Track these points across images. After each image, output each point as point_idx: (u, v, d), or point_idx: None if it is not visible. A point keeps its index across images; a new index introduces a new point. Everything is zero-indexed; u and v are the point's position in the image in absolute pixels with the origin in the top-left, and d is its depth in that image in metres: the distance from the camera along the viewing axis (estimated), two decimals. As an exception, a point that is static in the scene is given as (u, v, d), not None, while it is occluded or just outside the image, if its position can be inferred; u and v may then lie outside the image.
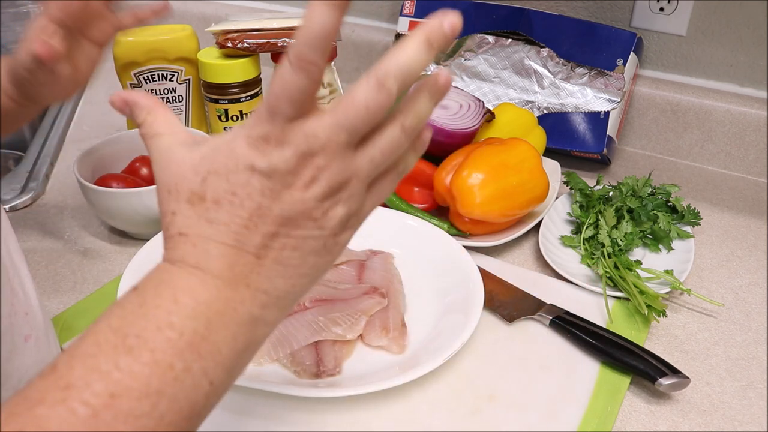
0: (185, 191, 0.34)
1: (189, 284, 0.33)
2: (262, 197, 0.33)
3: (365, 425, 0.53)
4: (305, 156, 0.33)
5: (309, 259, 0.35)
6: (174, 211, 0.34)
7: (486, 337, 0.62)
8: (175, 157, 0.35)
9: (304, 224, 0.34)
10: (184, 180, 0.34)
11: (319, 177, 0.33)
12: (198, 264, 0.33)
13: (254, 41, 0.78)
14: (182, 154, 0.35)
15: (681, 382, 0.55)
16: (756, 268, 0.73)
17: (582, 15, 0.97)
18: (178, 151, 0.35)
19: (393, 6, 1.14)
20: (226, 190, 0.33)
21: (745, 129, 0.89)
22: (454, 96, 0.79)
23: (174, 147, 0.36)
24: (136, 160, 0.80)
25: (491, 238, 0.73)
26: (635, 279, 0.65)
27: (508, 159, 0.71)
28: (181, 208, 0.34)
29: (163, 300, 0.32)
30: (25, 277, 0.52)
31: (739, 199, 0.86)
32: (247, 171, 0.33)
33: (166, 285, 0.33)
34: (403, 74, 0.33)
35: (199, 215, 0.34)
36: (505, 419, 0.54)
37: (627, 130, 0.98)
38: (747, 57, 0.89)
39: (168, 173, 0.35)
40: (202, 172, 0.34)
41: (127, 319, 0.32)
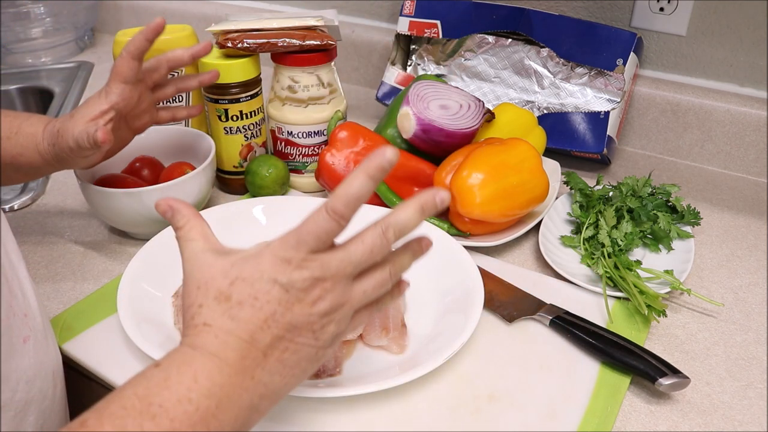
0: (213, 290, 0.41)
1: (207, 368, 0.39)
2: (278, 305, 0.41)
3: (365, 425, 0.53)
4: (318, 280, 0.41)
5: (302, 364, 0.43)
6: (201, 304, 0.41)
7: (486, 337, 0.62)
8: (206, 261, 0.43)
9: (305, 334, 0.42)
10: (214, 280, 0.42)
11: (325, 297, 0.41)
12: (217, 352, 0.40)
13: (254, 41, 0.78)
14: (213, 258, 0.43)
15: (681, 382, 0.55)
16: (756, 268, 0.73)
17: (582, 15, 0.97)
18: (210, 256, 0.43)
19: (393, 6, 1.14)
20: (250, 294, 0.41)
21: (745, 129, 0.89)
22: (454, 96, 0.79)
23: (206, 252, 0.44)
24: (136, 160, 0.81)
25: (491, 238, 0.73)
26: (635, 279, 0.65)
27: (508, 159, 0.71)
28: (208, 303, 0.41)
29: (184, 378, 0.38)
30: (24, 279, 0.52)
31: (739, 199, 0.86)
32: (269, 282, 0.41)
33: (188, 366, 0.39)
34: (401, 229, 0.42)
35: (223, 311, 0.41)
36: (505, 419, 0.54)
37: (627, 130, 0.98)
38: (747, 57, 0.89)
39: (199, 273, 0.43)
40: (231, 277, 0.41)
41: (152, 390, 0.38)
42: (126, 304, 0.61)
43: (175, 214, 0.46)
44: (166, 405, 0.37)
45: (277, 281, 0.41)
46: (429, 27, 0.98)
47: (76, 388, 0.62)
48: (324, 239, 0.41)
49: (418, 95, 0.78)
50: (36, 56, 1.32)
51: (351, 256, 0.42)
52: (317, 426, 0.53)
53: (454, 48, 1.01)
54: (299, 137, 0.83)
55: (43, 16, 1.30)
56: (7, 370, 0.47)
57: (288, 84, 0.81)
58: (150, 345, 0.56)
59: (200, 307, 0.41)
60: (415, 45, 1.05)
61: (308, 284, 0.41)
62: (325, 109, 0.82)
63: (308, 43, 0.79)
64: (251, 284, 0.41)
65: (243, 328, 0.40)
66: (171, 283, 0.66)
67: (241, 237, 0.72)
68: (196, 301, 0.42)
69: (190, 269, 0.44)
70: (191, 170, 0.75)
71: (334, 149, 0.77)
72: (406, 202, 0.42)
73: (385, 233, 0.42)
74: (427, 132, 0.77)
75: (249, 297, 0.41)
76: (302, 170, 0.85)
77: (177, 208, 0.46)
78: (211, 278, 0.42)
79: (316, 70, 0.81)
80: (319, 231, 0.41)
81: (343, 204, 0.40)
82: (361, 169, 0.40)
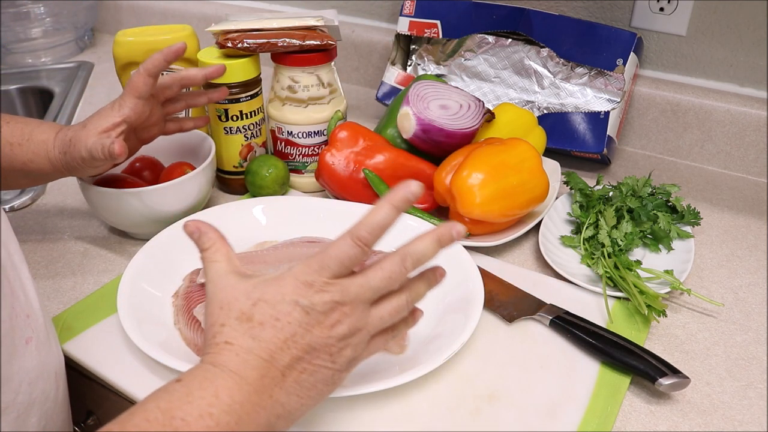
0: (236, 310, 0.43)
1: (228, 385, 0.40)
2: (299, 327, 0.42)
3: (365, 425, 0.53)
4: (338, 303, 0.43)
5: (318, 386, 0.44)
6: (224, 323, 0.43)
7: (486, 337, 0.62)
8: (230, 282, 0.45)
9: (323, 356, 0.43)
10: (237, 301, 0.43)
11: (344, 321, 0.43)
12: (238, 370, 0.41)
13: (254, 41, 0.78)
14: (236, 280, 0.45)
15: (681, 382, 0.55)
16: (756, 268, 0.73)
17: (582, 15, 0.97)
18: (233, 278, 0.45)
19: (393, 6, 1.14)
20: (272, 316, 0.42)
21: (745, 129, 0.89)
22: (454, 96, 0.79)
23: (230, 274, 0.45)
24: (136, 160, 0.80)
25: (491, 238, 0.73)
26: (635, 279, 0.65)
27: (508, 159, 0.71)
28: (230, 322, 0.43)
29: (206, 393, 0.40)
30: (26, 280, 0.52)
31: (739, 199, 0.86)
32: (291, 304, 0.43)
33: (210, 382, 0.40)
34: (418, 258, 0.45)
35: (245, 331, 0.42)
36: (505, 419, 0.54)
37: (627, 130, 0.98)
38: (747, 57, 0.89)
39: (222, 294, 0.44)
40: (254, 298, 0.43)
41: (174, 404, 0.39)
42: (126, 304, 0.61)
43: (202, 236, 0.48)
44: (188, 419, 0.38)
45: (298, 303, 0.43)
46: (429, 27, 0.98)
47: (76, 388, 0.62)
48: (347, 265, 0.43)
49: (418, 95, 0.78)
50: (36, 56, 1.32)
51: (370, 281, 0.44)
52: (317, 426, 0.53)
53: (454, 48, 1.01)
54: (299, 137, 0.83)
55: (43, 16, 1.30)
56: (9, 371, 0.47)
57: (288, 84, 0.81)
58: (150, 345, 0.56)
59: (222, 326, 0.43)
60: (415, 45, 1.05)
61: (328, 308, 0.43)
62: (325, 109, 0.82)
63: (308, 43, 0.79)
64: (273, 306, 0.43)
65: (263, 347, 0.42)
66: (171, 283, 0.66)
67: (241, 237, 0.73)
68: (219, 321, 0.43)
69: (213, 290, 0.45)
70: (191, 170, 0.75)
71: (334, 149, 0.77)
72: (425, 233, 0.46)
73: (403, 262, 0.45)
74: (427, 132, 0.77)
75: (270, 318, 0.42)
76: (302, 170, 0.85)
77: (204, 230, 0.48)
78: (234, 299, 0.44)
79: (316, 70, 0.81)
80: (342, 257, 0.43)
81: (368, 232, 0.43)
82: (386, 200, 0.44)
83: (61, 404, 0.56)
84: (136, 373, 0.58)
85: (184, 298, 0.64)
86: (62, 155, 0.65)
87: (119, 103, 0.65)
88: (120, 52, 0.86)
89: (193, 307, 0.62)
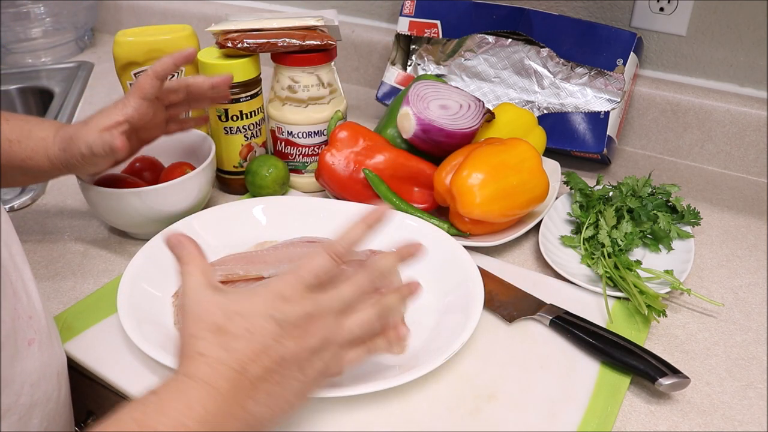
0: (210, 322, 0.44)
1: (201, 396, 0.41)
2: (271, 339, 0.43)
3: (365, 425, 0.53)
4: (309, 316, 0.45)
5: (289, 397, 0.45)
6: (198, 335, 0.44)
7: (486, 337, 0.62)
8: (205, 295, 0.45)
9: (293, 368, 0.44)
10: (211, 314, 0.44)
11: (315, 334, 0.45)
12: (210, 381, 0.42)
13: (254, 41, 0.78)
14: (211, 293, 0.46)
15: (681, 382, 0.55)
16: (756, 268, 0.73)
17: (582, 15, 0.97)
18: (208, 291, 0.46)
19: (393, 6, 1.14)
20: (245, 328, 0.43)
21: (745, 129, 0.89)
22: (454, 96, 0.79)
23: (205, 287, 0.46)
24: (136, 160, 0.80)
25: (491, 238, 0.73)
26: (635, 279, 0.65)
27: (508, 159, 0.71)
28: (204, 334, 0.43)
29: (180, 404, 0.40)
30: (29, 281, 0.52)
31: (739, 199, 0.86)
32: (264, 317, 0.44)
33: (183, 393, 0.41)
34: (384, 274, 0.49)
35: (218, 343, 0.43)
36: (505, 419, 0.54)
37: (627, 130, 0.98)
38: (747, 57, 0.89)
39: (198, 306, 0.45)
40: (229, 312, 0.44)
41: (149, 415, 0.40)
42: (126, 304, 0.61)
43: (182, 250, 0.48)
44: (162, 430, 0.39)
45: (272, 316, 0.44)
46: (429, 27, 0.98)
47: (76, 388, 0.62)
48: (321, 278, 0.46)
49: (418, 95, 0.78)
50: (36, 56, 1.32)
51: (341, 294, 0.47)
52: (317, 426, 0.53)
53: (454, 48, 1.01)
54: (299, 137, 0.83)
55: (43, 16, 1.30)
56: (11, 374, 0.47)
57: (288, 84, 0.81)
58: (150, 345, 0.56)
59: (196, 338, 0.44)
60: (415, 45, 1.05)
61: (301, 320, 0.45)
62: (325, 109, 0.82)
63: (308, 43, 0.79)
64: (247, 318, 0.44)
65: (235, 358, 0.42)
66: (171, 283, 0.66)
67: (241, 237, 0.73)
68: (193, 333, 0.44)
69: (189, 303, 0.46)
70: (191, 170, 0.75)
71: (334, 149, 0.77)
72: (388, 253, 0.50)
73: (371, 276, 0.48)
74: (427, 132, 0.77)
75: (244, 330, 0.43)
76: (302, 170, 0.85)
77: (185, 244, 0.49)
78: (209, 312, 0.45)
79: (316, 70, 0.81)
80: (318, 271, 0.46)
81: (344, 248, 0.47)
82: (363, 220, 0.48)
83: (63, 405, 0.56)
84: (137, 373, 0.58)
85: (184, 298, 0.64)
86: (62, 152, 0.65)
87: (123, 102, 0.66)
88: (120, 52, 0.86)
89: (193, 307, 0.62)
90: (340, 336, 0.47)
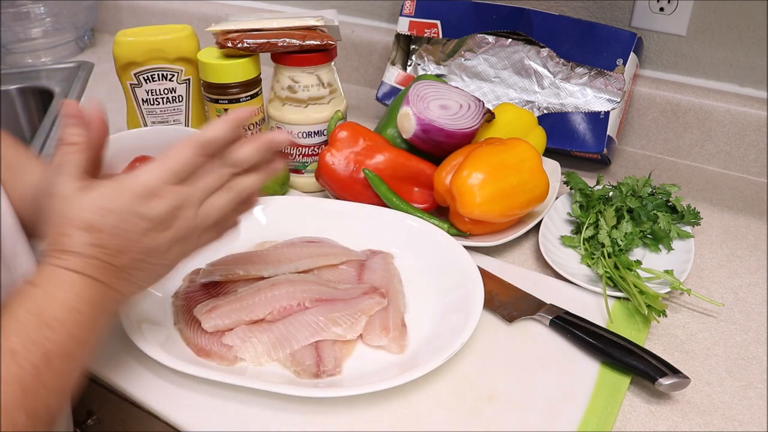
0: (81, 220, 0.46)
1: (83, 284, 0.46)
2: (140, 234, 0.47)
3: (365, 425, 0.53)
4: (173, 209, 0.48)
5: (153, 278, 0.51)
6: (67, 233, 0.46)
7: (486, 337, 0.62)
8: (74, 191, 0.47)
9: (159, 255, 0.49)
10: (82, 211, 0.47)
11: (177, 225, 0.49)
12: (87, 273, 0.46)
13: (254, 41, 0.78)
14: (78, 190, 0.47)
15: (681, 382, 0.55)
16: (756, 268, 0.73)
17: (582, 15, 0.97)
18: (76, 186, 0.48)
19: (393, 6, 1.14)
20: (116, 225, 0.47)
21: (745, 129, 0.89)
22: (454, 96, 0.79)
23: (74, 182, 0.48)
24: (136, 160, 0.80)
25: (491, 238, 0.73)
26: (635, 279, 0.65)
27: (508, 159, 0.71)
28: (75, 232, 0.46)
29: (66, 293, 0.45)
30: None
31: (739, 199, 0.86)
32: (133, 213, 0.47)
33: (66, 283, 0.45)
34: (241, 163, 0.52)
35: (91, 240, 0.46)
36: (505, 419, 0.54)
37: (627, 130, 0.98)
38: (747, 57, 0.89)
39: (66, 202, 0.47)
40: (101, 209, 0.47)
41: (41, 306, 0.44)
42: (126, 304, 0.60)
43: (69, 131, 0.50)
44: (59, 315, 0.44)
45: (140, 213, 0.47)
46: (429, 27, 0.98)
47: (76, 388, 0.62)
48: (186, 170, 0.49)
49: (418, 95, 0.78)
50: (36, 56, 1.32)
51: (202, 186, 0.50)
52: (317, 426, 0.53)
53: (454, 48, 1.01)
54: (299, 137, 0.83)
55: (43, 16, 1.30)
56: None
57: (288, 84, 0.81)
58: (150, 345, 0.56)
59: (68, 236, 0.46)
60: (415, 45, 1.05)
61: (167, 215, 0.48)
62: (325, 109, 0.82)
63: (308, 43, 0.79)
64: (118, 215, 0.47)
65: (107, 253, 0.46)
66: (171, 283, 0.66)
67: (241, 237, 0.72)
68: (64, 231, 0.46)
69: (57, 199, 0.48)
70: (191, 170, 0.75)
71: (334, 149, 0.77)
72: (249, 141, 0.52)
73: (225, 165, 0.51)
74: (427, 132, 0.77)
75: (114, 227, 0.46)
76: (302, 170, 0.85)
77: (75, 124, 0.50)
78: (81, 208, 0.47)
79: (316, 70, 0.81)
80: (183, 163, 0.49)
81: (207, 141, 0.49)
82: (226, 119, 0.50)
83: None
84: (136, 373, 0.58)
85: (184, 298, 0.64)
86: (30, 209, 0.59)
87: None
88: (120, 52, 0.86)
89: (193, 307, 0.62)
90: (201, 223, 0.50)
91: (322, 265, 0.68)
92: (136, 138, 0.83)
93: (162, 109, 0.88)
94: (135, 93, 0.87)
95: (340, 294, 0.63)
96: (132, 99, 0.88)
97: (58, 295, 0.45)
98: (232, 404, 0.55)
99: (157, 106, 0.88)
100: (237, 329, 0.59)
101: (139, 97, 0.87)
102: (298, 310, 0.61)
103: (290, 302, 0.61)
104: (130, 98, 0.88)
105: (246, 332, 0.59)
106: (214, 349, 0.58)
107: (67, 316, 0.44)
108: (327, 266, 0.68)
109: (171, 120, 0.89)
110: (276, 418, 0.54)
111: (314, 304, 0.62)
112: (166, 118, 0.89)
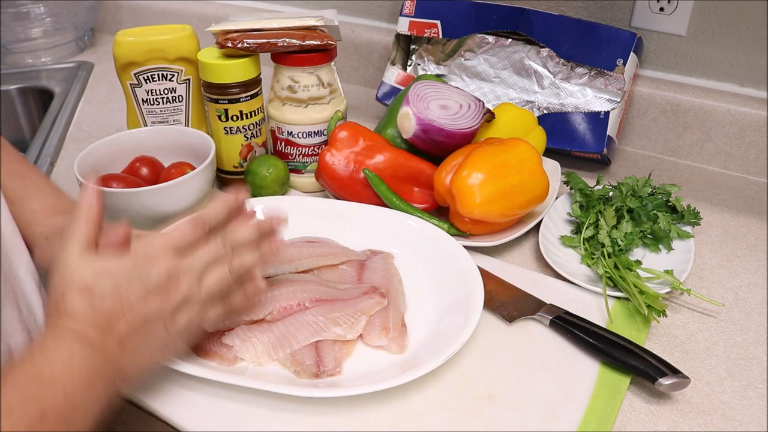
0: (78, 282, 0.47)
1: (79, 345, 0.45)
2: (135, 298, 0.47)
3: (365, 425, 0.53)
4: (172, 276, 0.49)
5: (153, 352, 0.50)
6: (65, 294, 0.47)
7: (486, 337, 0.62)
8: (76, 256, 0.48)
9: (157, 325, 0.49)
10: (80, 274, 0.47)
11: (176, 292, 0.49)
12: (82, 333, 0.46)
13: (254, 41, 0.78)
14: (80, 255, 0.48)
15: (681, 382, 0.55)
16: (756, 268, 0.73)
17: (582, 15, 0.97)
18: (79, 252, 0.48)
19: (393, 6, 1.14)
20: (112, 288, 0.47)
21: (745, 129, 0.89)
22: (454, 96, 0.79)
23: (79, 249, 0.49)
24: (136, 160, 0.80)
25: (491, 238, 0.73)
26: (635, 279, 0.64)
27: (508, 159, 0.71)
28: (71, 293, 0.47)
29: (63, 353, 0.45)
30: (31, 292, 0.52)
31: (739, 199, 0.86)
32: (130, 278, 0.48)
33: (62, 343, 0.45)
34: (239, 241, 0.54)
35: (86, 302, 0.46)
36: (505, 419, 0.54)
37: (627, 130, 0.98)
38: (747, 57, 0.89)
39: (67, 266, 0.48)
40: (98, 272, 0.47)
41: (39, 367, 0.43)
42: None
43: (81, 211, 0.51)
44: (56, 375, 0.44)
45: (137, 277, 0.48)
46: (429, 27, 0.98)
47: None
48: (185, 244, 0.50)
49: (418, 95, 0.78)
50: (36, 56, 1.32)
51: (200, 257, 0.51)
52: (317, 426, 0.53)
53: (454, 48, 1.01)
54: (299, 137, 0.83)
55: (43, 16, 1.30)
56: None
57: (288, 84, 0.81)
58: (150, 345, 0.56)
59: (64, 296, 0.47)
60: (415, 45, 1.05)
61: (164, 281, 0.48)
62: (325, 109, 0.82)
63: (308, 43, 0.79)
64: (114, 279, 0.47)
65: (101, 316, 0.46)
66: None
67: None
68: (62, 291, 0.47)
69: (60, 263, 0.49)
70: (191, 170, 0.75)
71: (334, 149, 0.77)
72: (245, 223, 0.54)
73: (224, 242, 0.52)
74: (427, 132, 0.77)
75: (110, 290, 0.47)
76: (302, 170, 0.85)
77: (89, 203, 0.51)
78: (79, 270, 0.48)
79: (316, 70, 0.81)
80: (182, 236, 0.50)
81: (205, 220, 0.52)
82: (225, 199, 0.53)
83: None
84: (136, 373, 0.58)
85: (184, 298, 0.64)
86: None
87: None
88: (120, 52, 0.86)
89: (193, 307, 0.62)
90: (203, 294, 0.51)
91: (322, 265, 0.68)
92: (136, 138, 0.83)
93: (162, 109, 0.88)
94: (135, 93, 0.87)
95: (340, 294, 0.63)
96: (132, 99, 0.88)
97: (55, 354, 0.45)
98: (232, 404, 0.55)
99: (157, 106, 0.88)
100: (237, 329, 0.59)
101: (139, 97, 0.87)
102: (298, 310, 0.61)
103: (290, 302, 0.61)
104: (130, 98, 0.88)
105: (246, 332, 0.59)
106: (213, 348, 0.58)
107: (63, 376, 0.44)
108: (327, 266, 0.68)
109: (171, 120, 0.89)
110: (276, 418, 0.54)
111: (314, 304, 0.62)
112: (166, 118, 0.89)
